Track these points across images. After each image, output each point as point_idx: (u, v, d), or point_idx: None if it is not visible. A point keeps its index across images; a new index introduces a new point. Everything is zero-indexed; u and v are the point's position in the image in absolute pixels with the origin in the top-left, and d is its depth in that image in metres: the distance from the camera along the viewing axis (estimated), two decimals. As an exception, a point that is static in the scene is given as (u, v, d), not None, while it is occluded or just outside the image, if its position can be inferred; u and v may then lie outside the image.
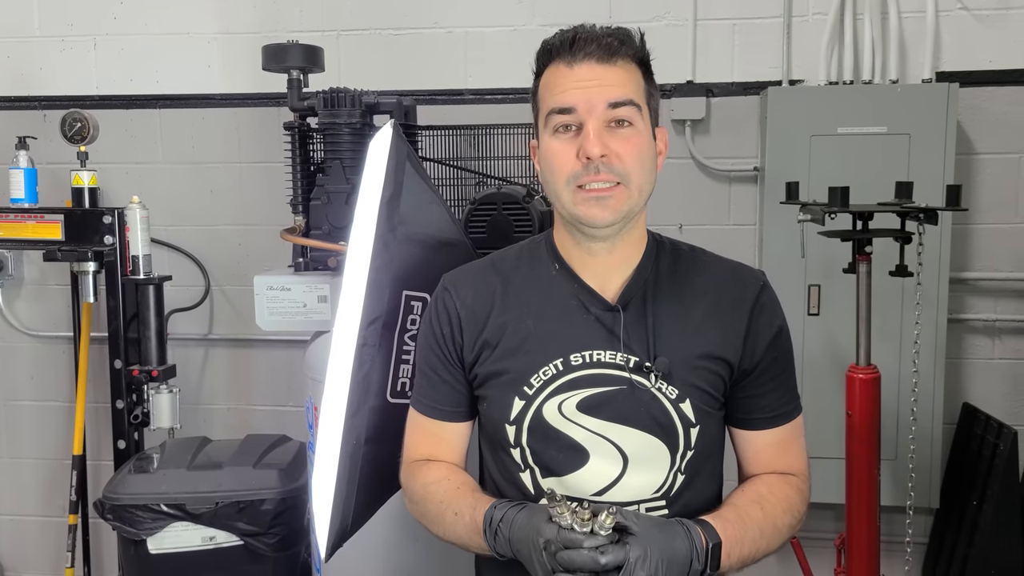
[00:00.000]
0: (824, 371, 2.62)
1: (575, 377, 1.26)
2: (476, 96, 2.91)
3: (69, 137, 2.72)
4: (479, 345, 1.31)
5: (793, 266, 2.57)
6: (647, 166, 1.24)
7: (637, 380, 1.24)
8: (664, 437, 1.25)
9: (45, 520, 3.24)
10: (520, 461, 1.29)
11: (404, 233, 1.55)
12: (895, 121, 2.55)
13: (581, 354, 1.26)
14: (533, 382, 1.26)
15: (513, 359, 1.28)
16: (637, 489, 1.26)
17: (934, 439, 2.63)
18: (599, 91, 1.20)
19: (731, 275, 1.32)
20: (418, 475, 1.35)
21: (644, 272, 1.29)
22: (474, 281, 1.35)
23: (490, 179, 2.41)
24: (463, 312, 1.32)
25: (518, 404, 1.27)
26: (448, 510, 1.27)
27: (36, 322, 3.17)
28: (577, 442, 1.25)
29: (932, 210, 2.07)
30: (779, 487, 1.29)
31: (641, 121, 1.23)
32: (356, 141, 2.26)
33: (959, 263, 2.76)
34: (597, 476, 1.26)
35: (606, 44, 1.21)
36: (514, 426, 1.28)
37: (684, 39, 2.82)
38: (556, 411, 1.26)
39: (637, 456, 1.25)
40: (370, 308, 1.51)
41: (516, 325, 1.29)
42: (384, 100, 2.32)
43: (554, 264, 1.32)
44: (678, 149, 2.85)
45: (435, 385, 1.36)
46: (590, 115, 1.20)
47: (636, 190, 1.22)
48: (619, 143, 1.21)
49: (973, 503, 2.63)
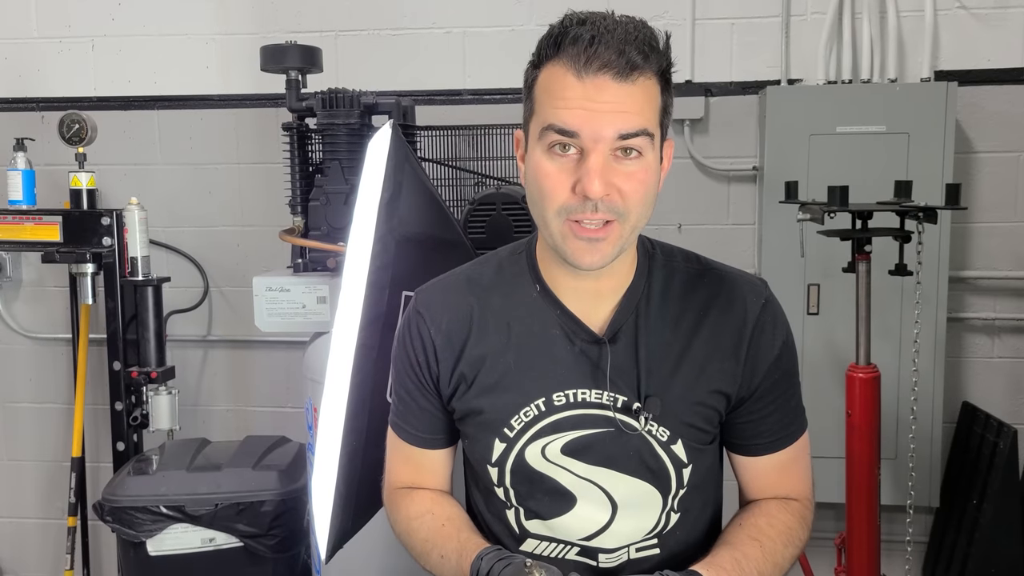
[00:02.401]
0: (824, 371, 2.62)
1: (558, 419, 1.16)
2: (474, 96, 2.91)
3: (67, 138, 2.71)
4: (456, 377, 1.20)
5: (792, 265, 2.57)
6: (649, 201, 1.09)
7: (624, 422, 1.14)
8: (655, 481, 1.17)
9: (44, 522, 3.24)
10: (505, 499, 1.22)
11: (403, 234, 1.55)
12: (894, 120, 2.55)
13: (564, 393, 1.15)
14: (514, 423, 1.17)
15: (491, 397, 1.18)
16: (627, 534, 1.19)
17: (934, 438, 2.63)
18: (611, 118, 1.02)
19: (730, 292, 1.19)
20: (401, 506, 1.27)
21: (635, 296, 1.16)
22: (449, 304, 1.22)
23: (489, 179, 2.41)
24: (438, 340, 1.20)
25: (499, 446, 1.18)
26: (434, 551, 1.20)
27: (34, 324, 3.17)
28: (563, 486, 1.17)
29: (931, 209, 2.07)
30: (779, 517, 1.20)
31: (652, 151, 1.07)
32: (355, 142, 2.26)
33: (958, 262, 2.76)
34: (585, 522, 1.18)
35: (628, 58, 1.01)
36: (496, 467, 1.19)
37: (682, 38, 2.82)
38: (539, 455, 1.17)
39: (626, 502, 1.17)
40: (370, 309, 1.51)
41: (494, 359, 1.18)
42: (382, 100, 2.32)
43: (535, 285, 1.19)
44: (677, 149, 2.77)
45: (412, 411, 1.26)
46: (595, 145, 1.02)
47: (630, 228, 1.08)
48: (623, 179, 1.04)
49: (973, 502, 2.63)
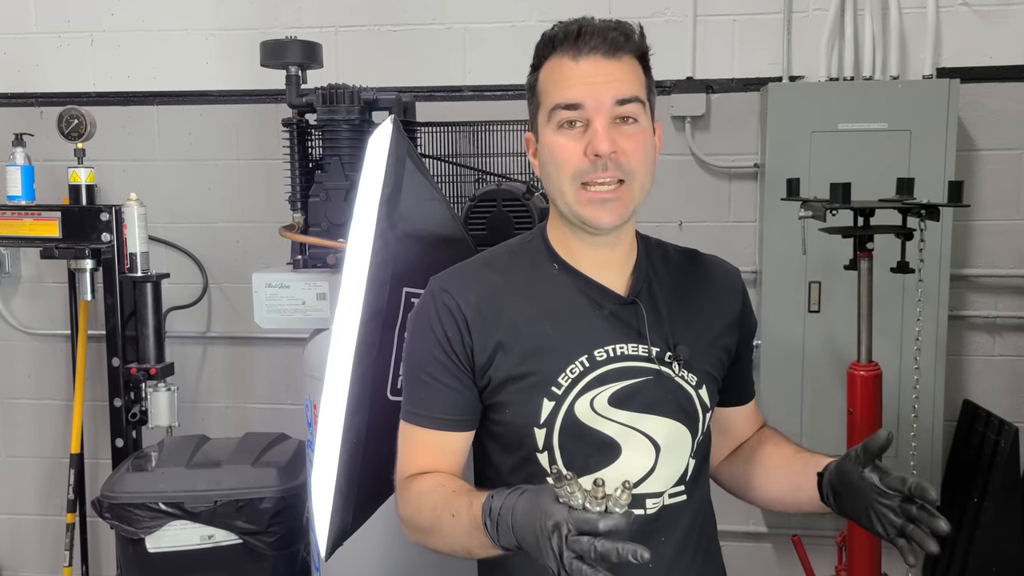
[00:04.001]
0: (825, 368, 2.62)
1: (602, 372, 1.24)
2: (475, 92, 2.90)
3: (66, 134, 2.71)
4: (492, 347, 1.24)
5: (794, 263, 2.55)
6: (650, 163, 1.25)
7: (662, 370, 1.26)
8: (688, 423, 1.27)
9: (43, 519, 3.23)
10: (547, 466, 1.24)
11: (404, 230, 1.54)
12: (896, 117, 2.55)
13: (604, 349, 1.25)
14: (561, 381, 1.23)
15: (535, 360, 1.24)
16: (666, 477, 1.27)
17: (935, 436, 2.63)
18: (606, 87, 1.19)
19: (717, 266, 1.40)
20: (411, 488, 1.26)
21: (643, 266, 1.31)
22: (472, 281, 1.29)
23: (489, 176, 2.40)
24: (469, 312, 1.25)
25: (547, 406, 1.23)
26: (444, 514, 1.18)
27: (34, 320, 3.16)
28: (610, 437, 1.24)
29: (933, 206, 2.06)
30: (777, 434, 1.45)
31: (644, 118, 1.23)
32: (355, 137, 2.25)
33: (960, 259, 2.76)
34: (630, 470, 1.23)
35: (612, 39, 1.19)
36: (544, 428, 1.23)
37: (684, 35, 2.81)
38: (588, 408, 1.23)
39: (667, 444, 1.26)
40: (370, 305, 1.50)
41: (530, 326, 1.25)
42: (383, 96, 2.31)
43: (553, 263, 1.30)
44: (678, 146, 2.84)
45: (438, 393, 1.26)
46: (598, 112, 1.19)
47: (639, 188, 1.23)
48: (625, 140, 1.20)
49: (974, 500, 2.62)
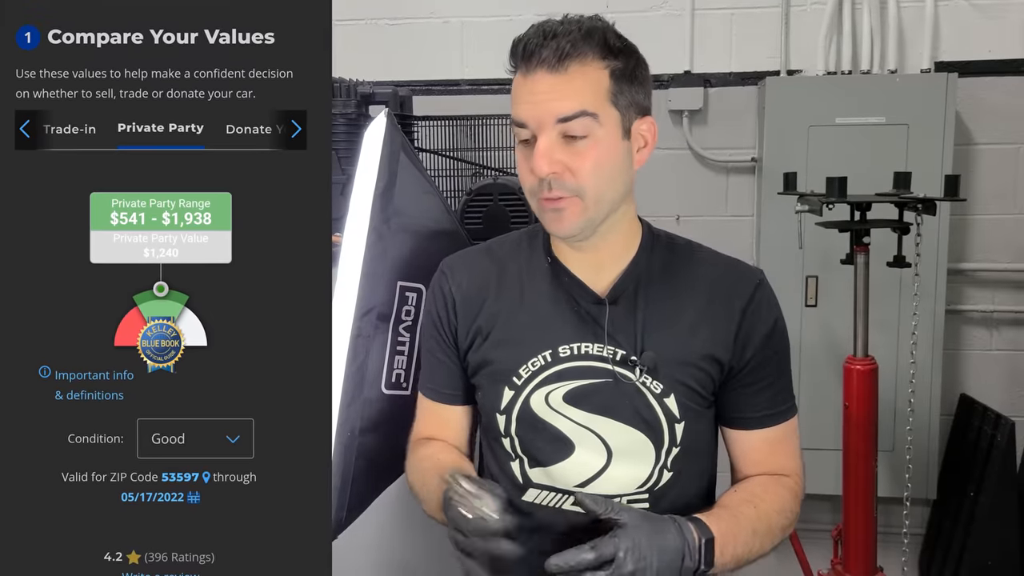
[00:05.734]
0: (821, 362, 2.62)
1: (562, 369, 1.26)
2: (472, 86, 2.89)
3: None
4: (472, 332, 1.32)
5: (791, 257, 2.56)
6: (607, 175, 1.18)
7: (621, 373, 1.24)
8: (648, 431, 1.25)
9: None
10: (510, 450, 1.30)
11: (399, 224, 1.55)
12: (893, 111, 2.54)
13: (569, 346, 1.26)
14: (521, 372, 1.27)
15: (502, 349, 1.29)
16: (621, 482, 1.26)
17: (931, 430, 2.63)
18: (547, 106, 1.14)
19: (727, 272, 1.29)
20: (416, 451, 1.37)
21: (637, 267, 1.27)
22: (470, 266, 1.36)
23: (486, 170, 2.40)
24: (458, 296, 1.33)
25: (507, 394, 1.28)
26: (427, 484, 1.26)
27: None
28: (563, 433, 1.26)
29: (930, 200, 2.06)
30: (772, 487, 1.27)
31: (600, 128, 1.16)
32: (351, 132, 2.24)
33: (957, 254, 2.75)
34: (582, 467, 1.26)
35: (558, 49, 1.13)
36: (504, 415, 1.29)
37: (681, 29, 2.81)
38: (543, 402, 1.26)
39: (621, 449, 1.25)
40: (364, 299, 1.50)
41: (508, 316, 1.30)
42: (379, 90, 2.31)
43: (547, 257, 1.32)
44: (675, 140, 2.84)
45: (435, 367, 1.37)
46: (540, 131, 1.15)
47: (593, 202, 1.17)
48: (572, 158, 1.16)
49: (970, 494, 2.63)
